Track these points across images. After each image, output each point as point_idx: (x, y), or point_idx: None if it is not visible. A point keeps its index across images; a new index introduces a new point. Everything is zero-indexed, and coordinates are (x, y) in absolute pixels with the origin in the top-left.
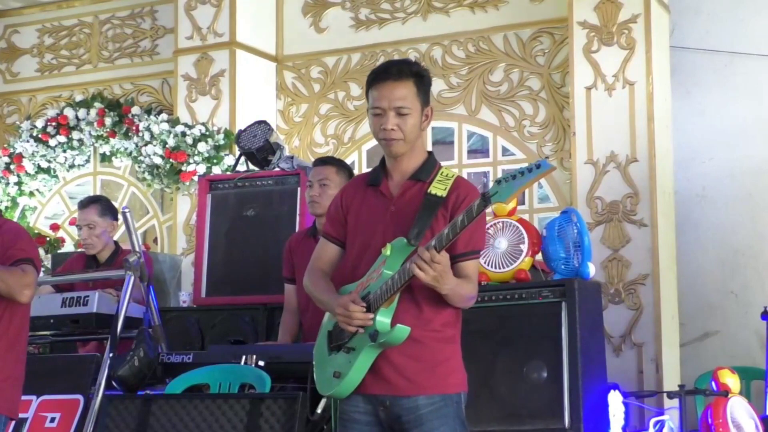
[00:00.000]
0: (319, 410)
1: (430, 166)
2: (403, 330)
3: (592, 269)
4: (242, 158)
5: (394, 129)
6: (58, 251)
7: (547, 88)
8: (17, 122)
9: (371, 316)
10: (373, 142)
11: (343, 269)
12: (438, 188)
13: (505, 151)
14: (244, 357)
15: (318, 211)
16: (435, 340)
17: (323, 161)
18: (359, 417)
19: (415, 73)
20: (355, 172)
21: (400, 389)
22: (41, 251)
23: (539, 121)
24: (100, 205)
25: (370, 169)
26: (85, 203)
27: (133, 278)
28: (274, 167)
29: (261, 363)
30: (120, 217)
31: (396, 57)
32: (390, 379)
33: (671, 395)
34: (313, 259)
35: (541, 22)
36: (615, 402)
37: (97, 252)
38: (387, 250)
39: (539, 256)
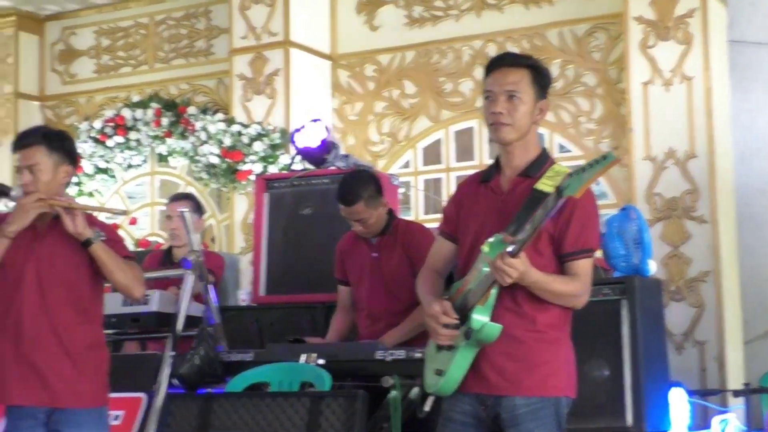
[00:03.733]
0: (426, 408)
1: (541, 162)
2: (494, 328)
3: (652, 266)
4: (298, 157)
5: (502, 112)
6: None
7: (603, 84)
8: (75, 123)
9: (456, 333)
10: (429, 140)
11: (457, 266)
12: (546, 184)
13: (562, 148)
14: (303, 355)
15: (177, 243)
16: (537, 340)
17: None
18: (457, 416)
19: (532, 65)
20: (410, 170)
21: (499, 388)
22: None
23: (596, 118)
24: (190, 200)
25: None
26: (177, 197)
27: (192, 277)
28: (330, 166)
29: (321, 361)
30: (187, 215)
31: (450, 55)
32: (489, 378)
33: (737, 393)
34: (428, 256)
35: (596, 18)
36: (678, 400)
37: (181, 245)
38: (486, 247)
39: (599, 253)
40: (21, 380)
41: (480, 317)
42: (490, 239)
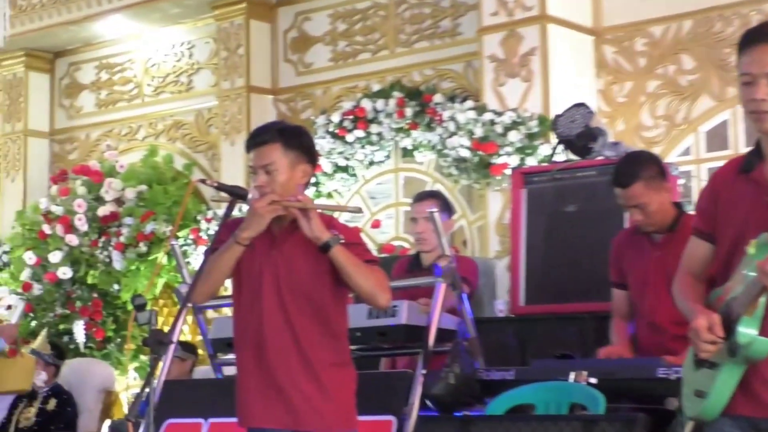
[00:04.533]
0: None
1: None
2: (764, 343)
3: None
4: (559, 147)
5: (765, 99)
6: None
7: None
8: (312, 117)
9: (719, 347)
10: (713, 122)
11: (715, 268)
12: None
13: None
14: (572, 373)
15: (425, 248)
16: None
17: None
18: None
19: None
20: (691, 158)
21: None
22: None
23: None
24: (438, 199)
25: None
26: (423, 196)
27: (443, 286)
28: (597, 156)
29: (593, 380)
30: (436, 216)
31: (736, 21)
32: (762, 399)
33: None
34: (683, 259)
35: None
36: None
37: (429, 250)
38: (752, 248)
39: None
40: (264, 401)
41: (747, 330)
42: (757, 239)
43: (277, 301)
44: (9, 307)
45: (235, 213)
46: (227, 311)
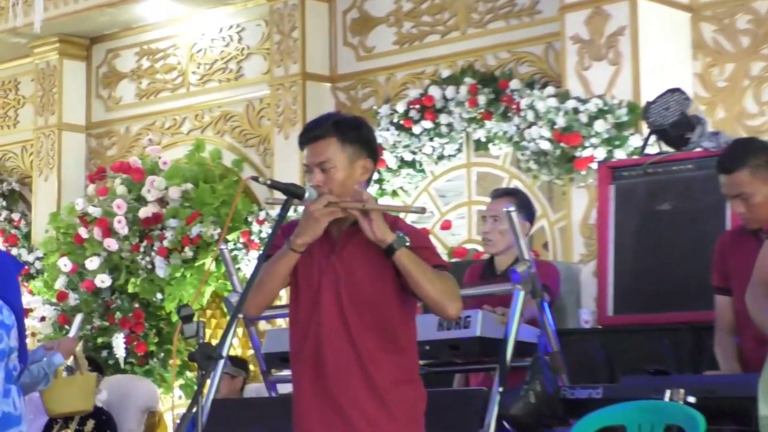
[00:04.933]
0: None
1: None
2: None
3: None
4: (652, 138)
5: None
6: None
7: None
8: (374, 107)
9: None
10: None
11: None
12: None
13: None
14: (668, 391)
15: (491, 250)
16: None
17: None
18: None
19: None
20: None
21: None
22: None
23: None
24: (515, 198)
25: None
26: (498, 194)
27: (522, 294)
28: (694, 147)
29: (691, 399)
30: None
31: None
32: None
33: None
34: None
35: None
36: None
37: (497, 252)
38: None
39: None
40: (322, 422)
41: None
42: None
43: (338, 312)
44: (42, 319)
45: (291, 214)
46: (282, 322)
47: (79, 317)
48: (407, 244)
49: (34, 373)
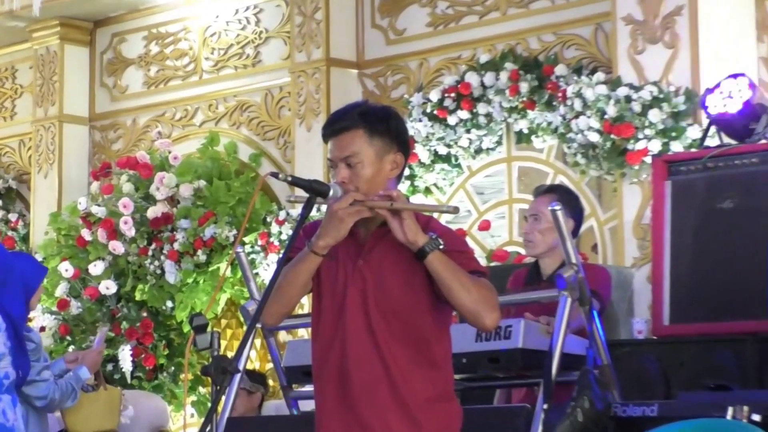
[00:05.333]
0: None
1: None
2: None
3: None
4: (712, 128)
5: None
6: None
7: None
8: (405, 96)
9: None
10: None
11: None
12: None
13: None
14: (730, 409)
15: (531, 252)
16: None
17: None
18: None
19: None
20: None
21: None
22: None
23: None
24: (560, 195)
25: None
26: (542, 191)
27: (569, 301)
28: (759, 139)
29: (756, 417)
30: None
31: None
32: None
33: None
34: None
35: None
36: None
37: (539, 253)
38: None
39: None
40: None
41: None
42: None
43: (364, 322)
44: (42, 329)
45: (314, 214)
46: (304, 333)
47: (104, 329)
48: (441, 246)
49: (63, 388)
